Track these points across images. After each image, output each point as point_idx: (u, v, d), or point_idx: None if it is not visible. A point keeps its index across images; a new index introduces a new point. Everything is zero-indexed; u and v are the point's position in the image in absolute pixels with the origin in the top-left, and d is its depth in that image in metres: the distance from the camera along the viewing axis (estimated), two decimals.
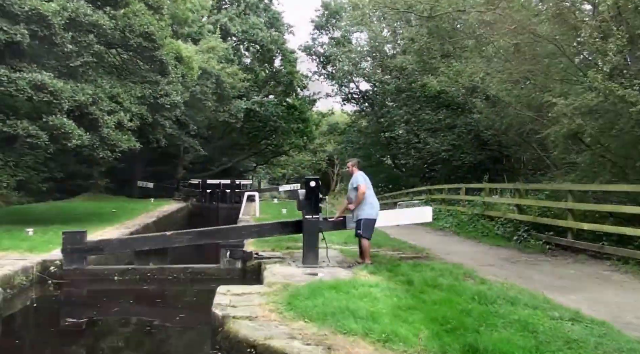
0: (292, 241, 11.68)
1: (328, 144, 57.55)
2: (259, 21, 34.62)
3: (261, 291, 7.16)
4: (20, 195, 24.57)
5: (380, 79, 24.15)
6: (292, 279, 7.87)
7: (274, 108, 34.09)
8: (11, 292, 8.07)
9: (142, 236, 9.79)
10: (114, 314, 8.18)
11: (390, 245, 11.88)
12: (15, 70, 12.03)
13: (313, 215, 9.21)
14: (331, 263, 9.33)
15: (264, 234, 9.98)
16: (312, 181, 9.29)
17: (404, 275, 7.88)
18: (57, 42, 12.40)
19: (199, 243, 9.85)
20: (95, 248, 9.45)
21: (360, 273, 8.31)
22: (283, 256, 10.14)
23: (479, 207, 14.64)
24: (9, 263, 8.85)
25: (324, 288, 6.94)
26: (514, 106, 15.38)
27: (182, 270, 9.71)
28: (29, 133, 11.98)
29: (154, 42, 15.69)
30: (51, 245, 10.91)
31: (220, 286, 7.46)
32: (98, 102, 13.58)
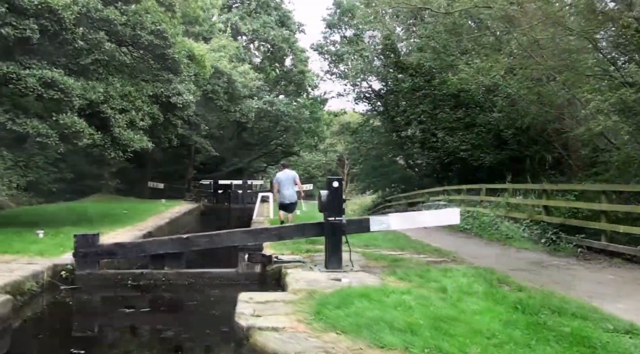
0: (310, 243, 11.27)
1: (338, 144, 57.21)
2: (270, 20, 34.21)
3: (286, 298, 6.72)
4: (30, 196, 24.34)
5: (396, 77, 23.66)
6: (317, 285, 7.43)
7: (285, 107, 33.67)
8: (21, 299, 7.67)
9: (158, 239, 9.38)
10: (128, 323, 7.77)
11: (412, 247, 11.44)
12: (24, 67, 11.67)
13: (336, 217, 8.78)
14: (355, 267, 8.89)
15: (284, 237, 9.55)
16: (335, 181, 8.86)
17: (436, 281, 7.43)
18: (67, 38, 12.03)
19: (216, 246, 9.43)
20: (108, 251, 9.05)
21: (389, 279, 7.87)
22: (303, 260, 9.71)
23: (502, 208, 14.14)
24: (19, 268, 8.46)
25: (354, 295, 6.50)
26: (536, 104, 14.88)
27: (199, 275, 9.29)
28: (39, 132, 11.62)
29: (166, 39, 15.30)
30: (62, 248, 10.53)
31: (242, 293, 7.03)
32: (109, 100, 13.21)
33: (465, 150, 18.49)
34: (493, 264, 9.44)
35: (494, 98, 16.61)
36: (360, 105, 34.48)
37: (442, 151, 20.36)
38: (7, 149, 20.52)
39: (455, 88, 16.60)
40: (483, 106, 18.13)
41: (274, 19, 34.89)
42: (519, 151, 17.96)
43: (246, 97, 29.17)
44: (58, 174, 25.30)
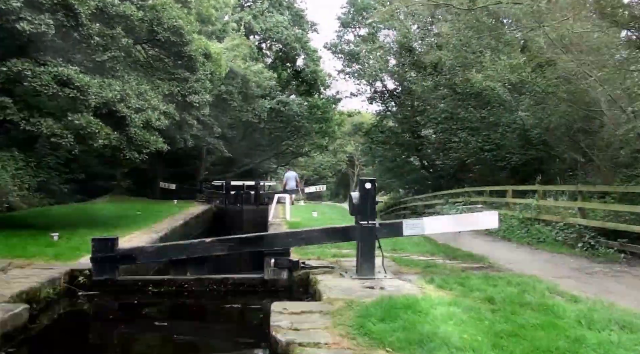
0: (335, 247, 10.81)
1: (348, 145, 56.72)
2: (283, 19, 33.75)
3: (322, 309, 6.24)
4: (41, 197, 23.98)
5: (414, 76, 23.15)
6: (352, 294, 6.95)
7: (298, 107, 33.18)
8: (37, 307, 7.23)
9: (179, 243, 8.93)
10: (150, 332, 7.32)
11: (442, 252, 10.95)
12: (39, 64, 11.26)
13: (369, 221, 8.29)
14: (388, 274, 8.41)
15: (313, 241, 9.05)
16: (368, 182, 8.36)
17: (480, 290, 6.93)
18: (83, 33, 11.61)
19: (241, 251, 8.97)
20: (128, 256, 8.60)
21: (428, 287, 7.38)
22: (331, 266, 9.23)
23: (533, 211, 13.59)
24: (35, 273, 8.03)
25: (397, 307, 6.01)
26: (565, 102, 14.34)
27: (223, 281, 8.82)
28: (54, 132, 11.19)
29: (183, 36, 14.89)
30: (78, 252, 10.11)
31: (275, 303, 6.56)
32: (126, 99, 12.76)
33: (489, 151, 17.95)
34: (532, 270, 8.94)
35: (520, 97, 16.07)
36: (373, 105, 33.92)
37: (463, 151, 19.83)
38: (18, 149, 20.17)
39: (480, 87, 16.08)
40: (509, 105, 17.58)
41: (286, 18, 34.45)
42: (545, 151, 17.41)
43: (259, 97, 28.70)
44: (69, 175, 24.92)
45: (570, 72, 13.81)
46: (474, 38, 17.45)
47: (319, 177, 59.37)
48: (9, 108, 10.91)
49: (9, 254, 9.36)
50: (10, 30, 10.78)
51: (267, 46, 36.04)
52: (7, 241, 10.48)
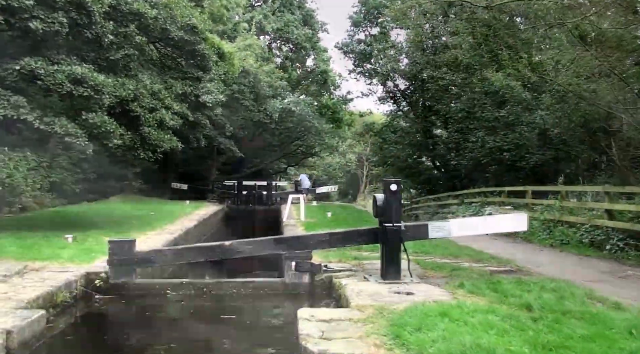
0: (355, 250, 10.55)
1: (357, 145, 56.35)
2: (294, 18, 33.48)
3: (352, 317, 5.96)
4: (53, 197, 23.81)
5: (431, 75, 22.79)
6: (381, 300, 6.66)
7: (309, 108, 32.89)
8: (54, 311, 6.99)
9: (198, 246, 8.68)
10: (168, 339, 7.05)
11: (466, 254, 10.64)
12: (53, 63, 11.04)
13: (394, 223, 8.00)
14: (414, 278, 8.12)
15: (335, 244, 8.77)
16: (393, 184, 8.08)
17: (515, 296, 6.63)
18: (97, 32, 11.39)
19: (261, 254, 8.71)
20: (145, 259, 8.35)
21: (459, 293, 7.08)
22: (354, 269, 8.96)
23: (556, 212, 13.24)
24: (51, 277, 7.80)
25: (432, 314, 5.72)
26: (587, 101, 13.99)
27: (243, 285, 8.57)
28: (68, 131, 10.96)
29: (196, 35, 14.68)
30: (93, 254, 9.88)
31: (301, 309, 6.29)
32: (139, 98, 12.54)
33: (508, 150, 17.60)
34: (562, 274, 8.62)
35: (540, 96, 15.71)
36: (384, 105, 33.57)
37: (479, 151, 19.47)
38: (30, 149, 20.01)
39: (499, 85, 15.74)
40: (527, 104, 17.21)
41: (297, 18, 34.18)
42: (564, 151, 17.03)
43: (270, 97, 28.46)
44: (81, 175, 24.75)
45: (592, 69, 13.47)
46: (491, 36, 17.12)
47: (328, 177, 59.06)
48: (23, 108, 10.69)
49: (24, 256, 9.13)
50: (23, 28, 10.59)
51: (277, 46, 35.78)
52: (22, 243, 10.25)
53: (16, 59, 10.77)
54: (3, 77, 10.80)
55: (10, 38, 11.09)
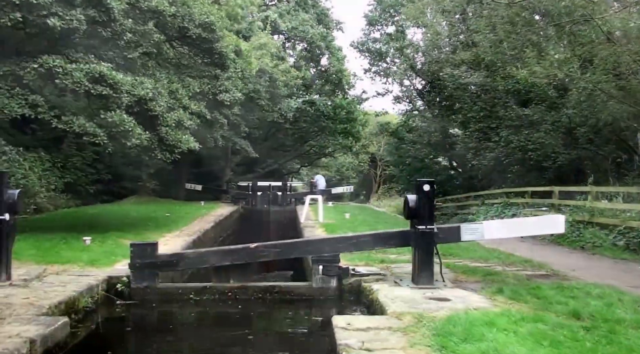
0: (381, 252, 10.21)
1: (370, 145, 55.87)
2: (308, 17, 33.16)
3: (391, 325, 5.63)
4: (67, 198, 23.68)
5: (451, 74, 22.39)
6: (418, 307, 6.33)
7: (324, 107, 32.52)
8: (75, 317, 6.73)
9: (222, 249, 8.39)
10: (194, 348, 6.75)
11: (496, 257, 10.27)
12: (70, 61, 10.81)
13: (427, 225, 7.67)
14: (447, 283, 7.78)
15: (363, 247, 8.45)
16: (426, 184, 7.75)
17: (560, 304, 6.28)
18: (116, 29, 11.15)
19: (287, 257, 8.41)
20: (168, 263, 8.08)
21: (498, 299, 6.73)
22: (382, 273, 8.63)
23: (586, 213, 12.82)
24: (72, 281, 7.54)
25: (478, 323, 5.38)
26: (616, 99, 13.56)
27: (268, 289, 8.26)
28: (86, 130, 10.72)
29: (214, 33, 14.39)
30: (113, 257, 9.64)
31: (336, 317, 5.98)
32: (157, 97, 12.27)
33: (532, 150, 17.18)
34: (601, 279, 8.23)
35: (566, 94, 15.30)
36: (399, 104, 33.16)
37: (500, 150, 19.05)
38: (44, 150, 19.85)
39: (525, 83, 15.34)
40: (554, 102, 16.76)
41: (312, 17, 33.87)
42: (592, 150, 16.58)
43: (285, 97, 28.16)
44: (95, 175, 24.59)
45: (622, 66, 13.05)
46: (513, 33, 16.71)
47: (341, 177, 58.61)
48: (41, 107, 10.47)
49: (43, 260, 8.90)
50: (41, 26, 10.36)
51: (291, 45, 35.48)
52: (39, 246, 10.02)
53: (34, 57, 10.54)
54: (20, 76, 10.57)
55: (28, 36, 10.88)
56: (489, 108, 19.94)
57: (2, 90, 10.54)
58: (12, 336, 4.90)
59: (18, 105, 10.45)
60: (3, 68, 10.67)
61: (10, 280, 7.22)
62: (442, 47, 25.38)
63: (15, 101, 10.50)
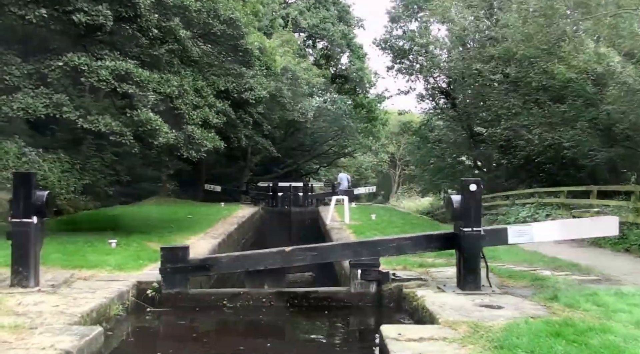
0: (417, 255, 9.75)
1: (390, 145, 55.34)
2: (329, 15, 32.76)
3: (446, 336, 5.21)
4: (87, 200, 23.54)
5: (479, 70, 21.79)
6: (471, 315, 5.91)
7: (346, 106, 32.08)
8: (107, 326, 6.40)
9: (256, 252, 8.02)
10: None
11: (539, 261, 9.78)
12: (96, 58, 10.52)
13: (474, 228, 7.23)
14: (494, 288, 7.33)
15: (405, 250, 8.03)
16: (473, 184, 7.32)
17: (624, 312, 5.87)
18: (142, 25, 10.85)
19: (325, 261, 8.03)
20: (200, 267, 7.73)
21: (554, 307, 6.28)
22: (422, 277, 8.21)
23: (629, 214, 12.27)
24: (101, 287, 7.21)
25: (542, 334, 4.94)
26: None
27: (305, 295, 7.87)
28: (112, 130, 10.42)
29: (239, 29, 14.08)
30: (141, 261, 9.32)
31: (385, 327, 5.58)
32: (183, 95, 11.96)
33: (569, 148, 16.60)
34: None
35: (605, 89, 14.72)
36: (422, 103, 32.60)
37: (531, 149, 18.46)
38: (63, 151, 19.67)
39: (562, 79, 14.78)
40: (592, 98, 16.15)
41: (332, 14, 33.47)
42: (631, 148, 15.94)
43: (306, 95, 27.79)
44: (114, 177, 24.42)
45: None
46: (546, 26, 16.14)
47: (360, 177, 58.15)
48: (66, 106, 10.19)
49: (69, 264, 8.60)
50: (66, 22, 10.09)
51: (311, 43, 35.09)
52: (64, 249, 9.74)
53: (58, 55, 10.28)
54: (45, 74, 10.32)
55: (52, 33, 10.62)
56: (521, 105, 19.37)
57: (27, 89, 10.29)
58: (46, 348, 4.58)
59: (42, 104, 10.18)
60: (27, 67, 10.44)
61: (38, 285, 6.92)
62: (469, 43, 24.80)
63: (40, 100, 10.25)
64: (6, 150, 11.63)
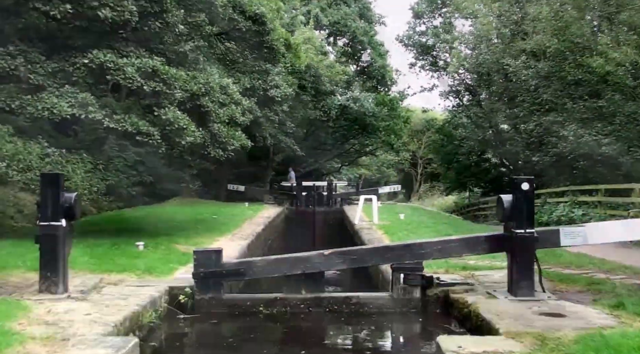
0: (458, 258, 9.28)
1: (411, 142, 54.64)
2: (350, 11, 32.33)
3: (512, 348, 4.75)
4: (110, 200, 23.38)
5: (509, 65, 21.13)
6: (533, 325, 5.45)
7: (369, 104, 31.59)
8: (140, 334, 6.05)
9: (294, 256, 7.61)
10: None
11: (591, 264, 9.26)
12: (121, 56, 10.20)
13: (527, 229, 6.76)
14: (548, 293, 6.85)
15: (450, 253, 7.57)
16: (525, 182, 6.85)
17: None
18: (168, 21, 10.51)
19: (365, 265, 7.61)
20: (235, 271, 7.36)
21: (622, 315, 5.80)
22: (468, 282, 7.75)
23: None
24: (132, 293, 6.86)
25: (624, 350, 4.46)
26: None
27: (344, 300, 7.46)
28: (139, 129, 10.10)
29: (265, 25, 13.70)
30: (170, 264, 8.99)
31: (443, 338, 5.14)
32: (210, 92, 11.61)
33: (607, 144, 15.96)
34: None
35: None
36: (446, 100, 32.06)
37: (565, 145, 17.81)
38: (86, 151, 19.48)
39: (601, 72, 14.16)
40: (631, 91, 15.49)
41: (353, 11, 33.03)
42: None
43: (329, 94, 27.37)
44: (137, 177, 24.24)
45: None
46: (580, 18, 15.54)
47: (381, 176, 57.63)
48: (91, 105, 9.88)
49: (98, 268, 8.28)
50: (92, 18, 9.78)
51: (333, 40, 34.68)
52: (92, 252, 9.41)
53: (83, 53, 9.98)
54: (70, 73, 10.03)
55: (77, 30, 10.33)
56: (554, 101, 18.73)
57: (51, 88, 10.00)
58: None
59: (68, 104, 9.89)
60: (52, 65, 10.16)
61: (67, 291, 6.59)
62: (496, 38, 24.18)
63: (65, 100, 9.96)
64: (29, 150, 11.37)
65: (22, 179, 10.62)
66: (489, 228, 17.37)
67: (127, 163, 22.60)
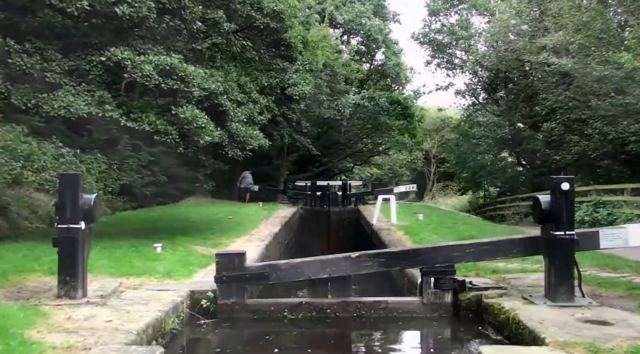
0: None
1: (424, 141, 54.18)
2: (365, 9, 32.01)
3: None
4: (124, 200, 23.23)
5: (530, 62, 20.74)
6: (580, 334, 5.12)
7: (383, 102, 31.22)
8: (162, 341, 5.80)
9: (319, 259, 7.33)
10: None
11: (627, 266, 8.86)
12: (139, 53, 9.97)
13: (567, 231, 6.43)
14: (589, 300, 6.51)
15: (484, 256, 7.25)
16: (565, 182, 6.50)
17: None
18: (185, 17, 10.27)
19: (395, 268, 7.31)
20: (259, 275, 7.07)
21: None
22: (502, 286, 7.40)
23: None
24: (153, 297, 6.59)
25: None
26: None
27: (372, 305, 7.15)
28: (157, 129, 9.87)
29: (283, 22, 13.44)
30: (190, 267, 8.72)
31: (485, 348, 4.83)
32: (228, 91, 11.36)
33: (636, 142, 15.52)
34: None
35: None
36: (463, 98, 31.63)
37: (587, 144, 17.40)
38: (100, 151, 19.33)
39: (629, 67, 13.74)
40: None
41: (368, 9, 32.71)
42: None
43: (343, 92, 27.05)
44: (151, 177, 24.06)
45: None
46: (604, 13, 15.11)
47: (394, 175, 57.20)
48: (108, 104, 9.65)
49: (116, 271, 8.03)
50: (109, 15, 9.55)
51: (347, 39, 34.38)
52: (110, 255, 9.17)
53: (100, 50, 9.75)
54: (86, 71, 9.80)
55: (93, 27, 10.11)
56: (578, 98, 18.29)
57: (68, 86, 9.78)
58: None
59: (84, 102, 9.66)
60: (68, 63, 9.94)
61: (86, 296, 6.34)
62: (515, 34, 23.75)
63: (81, 98, 9.73)
64: (44, 150, 11.18)
65: (37, 180, 10.43)
66: (511, 229, 17.01)
67: (141, 163, 22.48)
